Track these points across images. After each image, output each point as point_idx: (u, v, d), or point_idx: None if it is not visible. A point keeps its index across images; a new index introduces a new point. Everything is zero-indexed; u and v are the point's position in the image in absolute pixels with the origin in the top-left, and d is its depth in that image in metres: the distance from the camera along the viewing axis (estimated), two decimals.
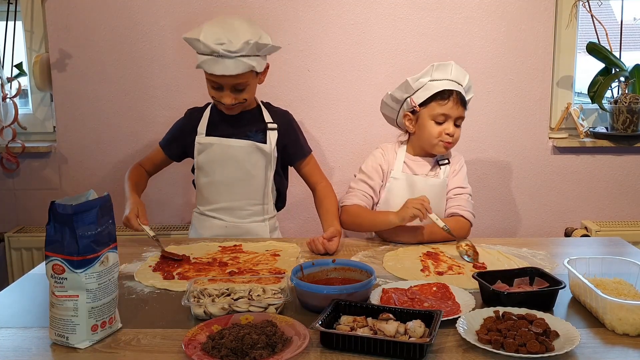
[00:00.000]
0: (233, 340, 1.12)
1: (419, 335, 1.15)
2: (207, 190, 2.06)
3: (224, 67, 1.87)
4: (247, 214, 2.06)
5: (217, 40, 1.84)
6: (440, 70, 1.95)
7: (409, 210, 1.79)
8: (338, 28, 2.58)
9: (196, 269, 1.63)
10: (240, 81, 1.92)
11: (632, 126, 2.59)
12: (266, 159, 2.03)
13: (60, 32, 2.57)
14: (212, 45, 1.84)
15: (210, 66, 1.88)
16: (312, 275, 1.47)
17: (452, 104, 1.92)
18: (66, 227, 1.15)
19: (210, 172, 2.04)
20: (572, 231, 2.66)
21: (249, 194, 2.04)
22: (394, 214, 1.85)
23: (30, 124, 2.72)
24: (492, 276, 1.43)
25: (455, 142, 1.97)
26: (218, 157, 2.02)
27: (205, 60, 1.88)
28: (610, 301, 1.22)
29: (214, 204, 2.06)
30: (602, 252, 1.83)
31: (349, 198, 2.00)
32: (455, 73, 1.96)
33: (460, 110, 1.95)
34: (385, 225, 1.88)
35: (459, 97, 1.93)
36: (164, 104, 2.62)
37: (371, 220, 1.92)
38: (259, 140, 2.02)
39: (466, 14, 2.57)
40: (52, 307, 1.20)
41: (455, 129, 1.95)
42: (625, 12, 2.63)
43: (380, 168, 2.02)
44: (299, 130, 2.14)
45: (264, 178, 2.04)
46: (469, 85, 2.00)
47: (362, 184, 2.01)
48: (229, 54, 1.85)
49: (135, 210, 1.84)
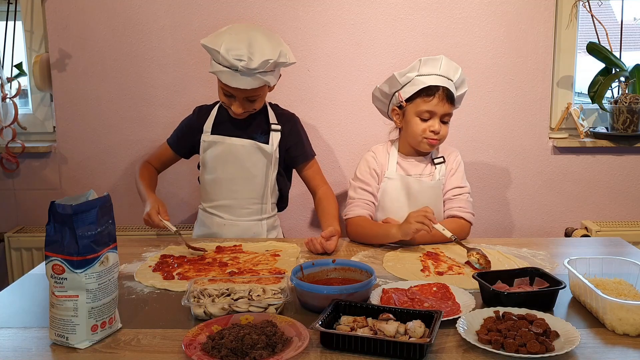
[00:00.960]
0: (233, 341, 1.12)
1: (419, 335, 1.15)
2: (209, 187, 2.09)
3: (241, 82, 1.88)
4: (246, 212, 2.08)
5: (237, 56, 1.85)
6: (429, 64, 1.91)
7: (412, 226, 1.74)
8: (338, 28, 2.58)
9: (196, 269, 1.63)
10: (253, 94, 1.95)
11: (632, 126, 2.59)
12: (267, 160, 2.04)
13: (60, 32, 2.57)
14: (231, 60, 1.85)
15: (226, 78, 1.89)
16: (312, 276, 1.47)
17: (437, 100, 1.89)
18: (66, 227, 1.15)
19: (213, 170, 2.06)
20: (572, 231, 2.66)
21: (249, 192, 2.07)
22: (397, 228, 1.79)
23: (30, 124, 2.72)
24: (492, 276, 1.43)
25: (441, 139, 1.94)
26: (221, 155, 2.04)
27: (222, 71, 1.89)
28: (610, 301, 1.22)
29: (215, 200, 2.09)
30: (602, 252, 1.83)
31: (351, 210, 1.96)
32: (445, 68, 1.91)
33: (447, 107, 1.91)
34: (387, 240, 1.84)
35: (445, 93, 1.89)
36: (164, 104, 2.62)
37: (374, 233, 1.88)
38: (262, 141, 2.04)
39: (466, 14, 2.57)
40: (52, 307, 1.20)
41: (441, 126, 1.92)
42: (625, 12, 2.63)
43: (375, 172, 2.00)
44: (304, 134, 2.16)
45: (265, 178, 2.05)
46: (462, 80, 1.95)
47: (361, 191, 1.98)
48: (246, 71, 1.86)
49: (156, 207, 1.86)
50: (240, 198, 2.07)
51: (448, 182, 1.99)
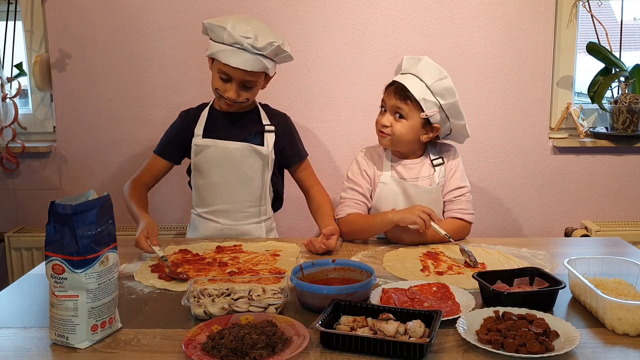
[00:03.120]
0: (233, 341, 1.12)
1: (419, 335, 1.15)
2: (204, 191, 2.05)
3: (243, 60, 1.87)
4: (244, 216, 2.05)
5: (244, 33, 1.85)
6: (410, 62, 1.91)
7: (412, 217, 1.77)
8: (338, 28, 2.58)
9: (196, 269, 1.63)
10: (251, 78, 1.93)
11: (632, 126, 2.59)
12: (263, 161, 2.02)
13: (60, 32, 2.57)
14: (237, 36, 1.85)
15: (227, 56, 1.87)
16: (312, 275, 1.47)
17: (389, 93, 1.90)
18: (66, 227, 1.15)
19: (207, 174, 2.03)
20: (572, 231, 2.66)
21: (246, 196, 2.04)
22: (393, 212, 1.83)
23: (30, 124, 2.72)
24: (492, 276, 1.43)
25: (393, 135, 1.90)
26: (215, 159, 2.01)
27: (224, 50, 1.87)
28: (610, 301, 1.22)
29: (210, 205, 2.05)
30: (602, 252, 1.83)
31: (342, 209, 1.96)
32: (422, 69, 1.88)
33: (394, 101, 1.88)
34: (384, 225, 1.85)
35: (398, 87, 1.88)
36: (164, 104, 2.62)
37: (369, 224, 1.89)
38: (256, 143, 2.02)
39: (466, 14, 2.57)
40: (52, 307, 1.20)
41: (392, 121, 1.89)
42: (625, 12, 2.63)
43: (366, 173, 1.99)
44: (297, 134, 2.14)
45: (261, 180, 2.04)
46: (444, 88, 1.86)
47: (352, 191, 1.98)
48: (251, 49, 1.86)
49: (145, 232, 1.76)
50: (238, 202, 2.04)
51: (448, 183, 1.98)
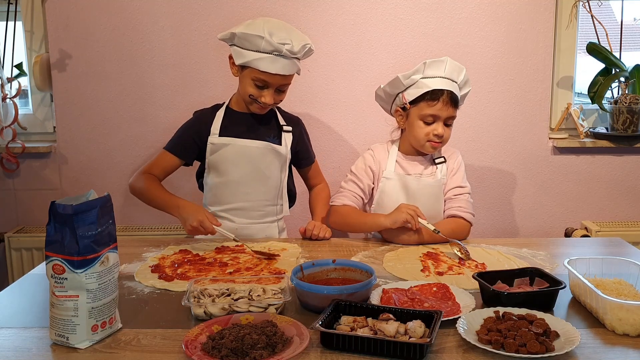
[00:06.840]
0: (233, 341, 1.12)
1: (419, 335, 1.15)
2: (219, 190, 2.05)
3: (282, 66, 1.88)
4: (261, 215, 2.07)
5: (282, 39, 1.85)
6: (434, 67, 1.91)
7: (402, 215, 1.81)
8: (338, 28, 2.58)
9: (196, 269, 1.63)
10: (286, 82, 1.95)
11: (632, 126, 2.59)
12: (281, 161, 2.04)
13: (60, 32, 2.57)
14: (277, 44, 1.84)
15: (266, 64, 1.87)
16: (312, 276, 1.47)
17: (441, 105, 1.89)
18: (66, 227, 1.15)
19: (224, 172, 2.02)
20: (572, 231, 2.66)
21: (264, 194, 2.05)
22: (385, 216, 1.85)
23: (30, 124, 2.72)
24: (492, 276, 1.43)
25: (444, 142, 1.96)
26: (232, 157, 2.01)
27: (262, 58, 1.87)
28: (610, 301, 1.22)
29: (226, 204, 2.05)
30: (602, 253, 1.83)
31: (338, 198, 2.00)
32: (450, 70, 1.91)
33: (451, 111, 1.91)
34: (375, 227, 1.90)
35: (449, 96, 1.89)
36: (164, 104, 2.62)
37: (361, 222, 1.93)
38: (275, 142, 2.04)
39: (466, 14, 2.57)
40: (52, 307, 1.20)
41: (445, 129, 1.93)
42: (625, 13, 2.63)
43: (370, 170, 2.01)
44: (308, 138, 2.19)
45: (279, 179, 2.06)
46: (465, 80, 1.95)
47: (352, 184, 2.02)
48: (289, 55, 1.87)
49: (203, 214, 1.76)
50: (254, 200, 2.04)
51: (449, 181, 2.00)
